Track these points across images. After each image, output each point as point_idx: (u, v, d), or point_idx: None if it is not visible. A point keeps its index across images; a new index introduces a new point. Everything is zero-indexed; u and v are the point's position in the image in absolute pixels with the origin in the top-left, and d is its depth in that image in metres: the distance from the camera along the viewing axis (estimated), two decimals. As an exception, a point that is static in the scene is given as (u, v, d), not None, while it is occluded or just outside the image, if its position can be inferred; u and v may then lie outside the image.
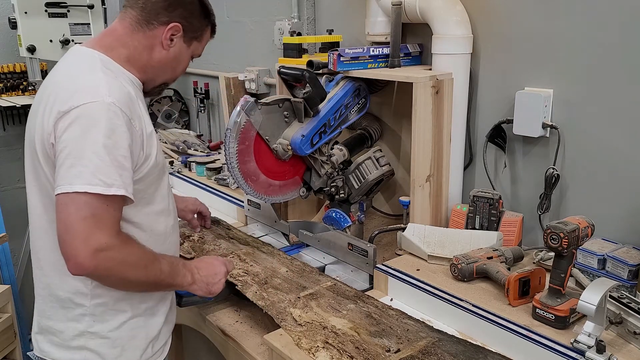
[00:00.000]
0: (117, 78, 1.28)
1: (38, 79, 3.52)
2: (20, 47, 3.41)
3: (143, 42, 1.35)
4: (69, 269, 1.17)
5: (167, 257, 1.36)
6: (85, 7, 3.43)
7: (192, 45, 1.43)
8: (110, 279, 1.23)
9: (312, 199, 2.24)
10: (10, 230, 2.92)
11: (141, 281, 1.27)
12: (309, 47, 2.37)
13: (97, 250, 1.15)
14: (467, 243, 1.72)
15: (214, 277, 1.47)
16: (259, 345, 1.52)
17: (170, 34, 1.36)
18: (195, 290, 1.43)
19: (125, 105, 1.23)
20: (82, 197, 1.14)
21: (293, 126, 1.90)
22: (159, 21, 1.34)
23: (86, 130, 1.17)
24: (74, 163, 1.15)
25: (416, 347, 1.36)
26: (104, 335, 1.32)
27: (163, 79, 1.44)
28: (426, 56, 2.07)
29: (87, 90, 1.21)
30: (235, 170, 1.81)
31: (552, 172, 1.72)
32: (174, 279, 1.35)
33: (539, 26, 1.74)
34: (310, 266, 1.85)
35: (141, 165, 1.29)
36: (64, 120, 1.18)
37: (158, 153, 1.35)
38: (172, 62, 1.41)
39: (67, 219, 1.15)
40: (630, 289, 1.46)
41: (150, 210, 1.36)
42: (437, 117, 1.81)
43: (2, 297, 2.50)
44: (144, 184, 1.31)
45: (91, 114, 1.18)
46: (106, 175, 1.16)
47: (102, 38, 1.37)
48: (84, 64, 1.30)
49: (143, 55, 1.36)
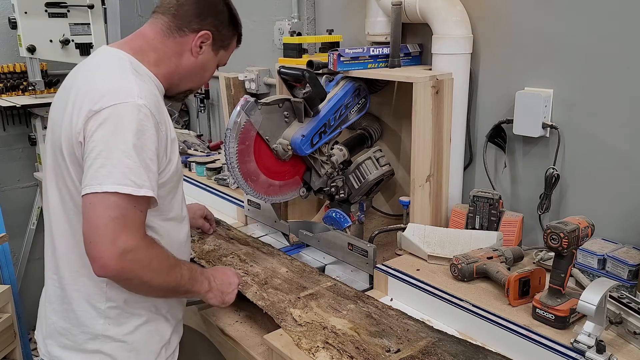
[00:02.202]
0: (145, 82, 1.29)
1: (38, 79, 3.52)
2: (20, 47, 3.41)
3: (173, 48, 1.37)
4: (94, 270, 1.15)
5: (187, 264, 1.36)
6: (85, 7, 3.43)
7: (219, 54, 1.45)
8: (133, 282, 1.22)
9: (312, 199, 2.24)
10: (10, 230, 2.91)
11: (162, 286, 1.26)
12: (309, 47, 2.37)
13: (124, 252, 1.14)
14: (467, 243, 1.71)
15: (229, 286, 1.49)
16: (259, 345, 1.52)
17: (200, 41, 1.38)
18: (210, 299, 1.43)
19: (155, 108, 1.24)
20: (112, 198, 1.13)
21: (293, 126, 1.90)
22: (190, 28, 1.37)
23: (117, 130, 1.16)
24: (104, 163, 1.15)
25: (416, 347, 1.36)
26: (119, 339, 1.31)
27: (188, 85, 1.46)
28: (426, 56, 2.07)
29: (120, 90, 1.21)
30: (235, 170, 1.81)
31: (552, 172, 1.72)
32: (193, 286, 1.35)
33: (539, 26, 1.74)
34: (310, 266, 1.85)
35: (163, 170, 1.29)
36: (94, 120, 1.17)
37: (178, 160, 1.36)
38: (199, 70, 1.43)
39: (95, 220, 1.13)
40: (630, 289, 1.46)
41: (166, 217, 1.36)
42: (437, 117, 1.81)
43: (2, 297, 2.50)
44: (164, 190, 1.31)
45: (123, 114, 1.18)
46: (137, 176, 1.16)
47: (131, 40, 1.38)
48: (114, 65, 1.29)
49: (172, 61, 1.38)
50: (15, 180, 3.75)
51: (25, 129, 3.65)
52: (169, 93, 1.43)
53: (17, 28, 3.35)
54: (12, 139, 3.70)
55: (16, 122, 3.60)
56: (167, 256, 1.27)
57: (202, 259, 1.90)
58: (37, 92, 3.52)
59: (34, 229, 3.76)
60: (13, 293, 2.60)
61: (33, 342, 3.59)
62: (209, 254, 1.94)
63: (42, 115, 3.39)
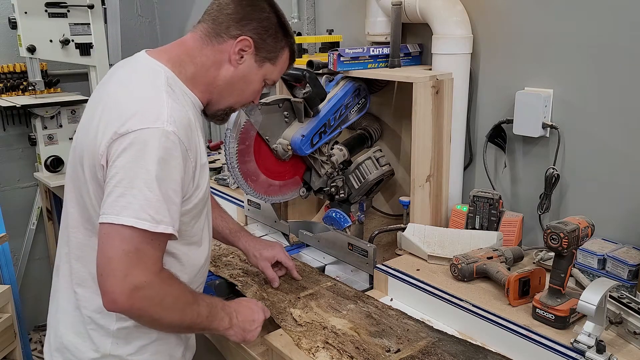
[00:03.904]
0: (179, 101, 1.19)
1: (38, 79, 3.51)
2: (20, 47, 3.40)
3: (211, 57, 1.26)
4: (104, 304, 1.11)
5: (207, 299, 1.29)
6: (85, 7, 3.43)
7: (264, 67, 1.31)
8: (143, 318, 1.17)
9: (312, 199, 2.24)
10: (10, 230, 2.91)
11: (175, 323, 1.20)
12: (309, 47, 2.37)
13: (136, 288, 1.09)
14: (467, 243, 1.71)
15: (252, 324, 1.37)
16: (259, 345, 1.52)
17: (239, 48, 1.26)
18: (231, 336, 1.34)
19: (184, 135, 1.15)
20: (127, 231, 1.08)
21: (293, 126, 1.90)
22: (229, 35, 1.25)
23: (140, 158, 1.09)
24: (124, 193, 1.08)
25: (416, 347, 1.36)
26: (127, 358, 1.27)
27: (229, 101, 1.33)
28: (426, 56, 2.07)
29: (149, 113, 1.12)
30: (235, 170, 1.81)
31: (552, 172, 1.72)
32: (211, 323, 1.27)
33: (539, 26, 1.74)
34: (310, 266, 1.85)
35: (190, 196, 1.22)
36: (118, 143, 1.10)
37: (207, 185, 1.29)
38: (240, 83, 1.30)
39: (109, 251, 1.09)
40: (630, 289, 1.46)
41: (188, 242, 1.30)
42: (437, 117, 1.81)
43: (2, 297, 2.50)
44: (188, 217, 1.25)
45: (148, 141, 1.09)
46: (155, 211, 1.09)
47: (171, 49, 1.28)
48: (148, 79, 1.20)
49: (210, 72, 1.27)
50: (15, 180, 3.75)
51: (25, 129, 3.64)
52: (208, 111, 1.33)
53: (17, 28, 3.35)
54: (12, 139, 3.70)
55: (16, 122, 3.60)
56: (184, 293, 1.21)
57: (202, 259, 1.90)
58: (37, 92, 3.51)
59: (34, 229, 3.76)
60: (13, 293, 2.59)
61: (33, 342, 3.60)
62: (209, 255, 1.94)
63: (42, 115, 3.39)
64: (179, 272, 1.26)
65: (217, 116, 1.36)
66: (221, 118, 1.38)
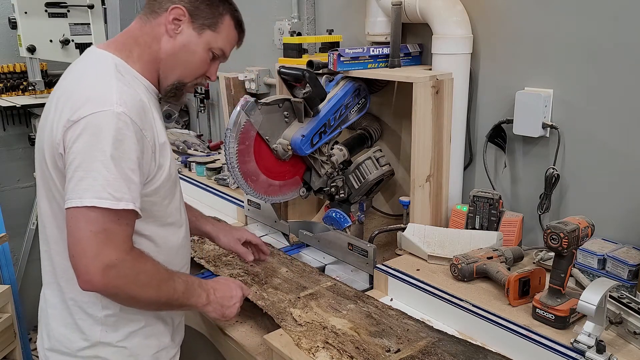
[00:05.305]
0: (130, 85, 1.23)
1: (38, 79, 3.52)
2: (20, 47, 3.41)
3: (151, 34, 1.30)
4: (79, 285, 1.14)
5: (183, 276, 1.32)
6: (85, 7, 3.43)
7: (204, 34, 1.32)
8: (120, 296, 1.20)
9: (312, 199, 2.24)
10: (10, 230, 2.91)
11: (152, 300, 1.23)
12: (309, 47, 2.37)
13: (108, 267, 1.12)
14: (467, 243, 1.71)
15: (230, 299, 1.42)
16: (259, 345, 1.52)
17: (173, 17, 1.29)
18: (209, 312, 1.38)
19: (136, 115, 1.18)
20: (92, 212, 1.11)
21: (293, 126, 1.90)
22: (162, 8, 1.30)
23: (95, 141, 1.13)
24: (83, 176, 1.12)
25: (416, 347, 1.36)
26: (117, 345, 1.29)
27: (176, 74, 1.34)
28: (426, 56, 2.07)
29: (98, 98, 1.16)
30: (235, 170, 1.81)
31: (552, 172, 1.72)
32: (189, 299, 1.31)
33: (539, 26, 1.74)
34: (310, 266, 1.85)
35: (154, 177, 1.25)
36: (73, 130, 1.14)
37: (171, 164, 1.31)
38: (182, 53, 1.32)
39: (77, 234, 1.12)
40: (630, 289, 1.46)
41: (163, 223, 1.33)
42: (437, 117, 1.81)
43: (2, 297, 2.50)
44: (158, 197, 1.28)
45: (100, 124, 1.13)
46: (114, 189, 1.12)
47: (118, 38, 1.34)
48: (97, 69, 1.25)
49: (152, 48, 1.30)
50: (15, 180, 3.75)
51: (25, 129, 3.65)
52: (161, 91, 1.36)
53: (17, 28, 3.36)
54: (12, 139, 3.70)
55: (16, 122, 3.60)
56: (158, 269, 1.24)
57: (202, 259, 1.90)
58: (37, 92, 3.52)
59: (34, 229, 3.76)
60: (13, 293, 2.59)
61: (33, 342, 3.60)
62: (208, 254, 1.94)
63: (42, 115, 3.40)
64: (154, 252, 1.28)
65: (169, 93, 1.36)
66: (173, 95, 1.37)
